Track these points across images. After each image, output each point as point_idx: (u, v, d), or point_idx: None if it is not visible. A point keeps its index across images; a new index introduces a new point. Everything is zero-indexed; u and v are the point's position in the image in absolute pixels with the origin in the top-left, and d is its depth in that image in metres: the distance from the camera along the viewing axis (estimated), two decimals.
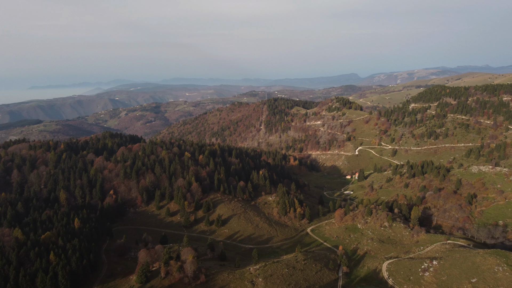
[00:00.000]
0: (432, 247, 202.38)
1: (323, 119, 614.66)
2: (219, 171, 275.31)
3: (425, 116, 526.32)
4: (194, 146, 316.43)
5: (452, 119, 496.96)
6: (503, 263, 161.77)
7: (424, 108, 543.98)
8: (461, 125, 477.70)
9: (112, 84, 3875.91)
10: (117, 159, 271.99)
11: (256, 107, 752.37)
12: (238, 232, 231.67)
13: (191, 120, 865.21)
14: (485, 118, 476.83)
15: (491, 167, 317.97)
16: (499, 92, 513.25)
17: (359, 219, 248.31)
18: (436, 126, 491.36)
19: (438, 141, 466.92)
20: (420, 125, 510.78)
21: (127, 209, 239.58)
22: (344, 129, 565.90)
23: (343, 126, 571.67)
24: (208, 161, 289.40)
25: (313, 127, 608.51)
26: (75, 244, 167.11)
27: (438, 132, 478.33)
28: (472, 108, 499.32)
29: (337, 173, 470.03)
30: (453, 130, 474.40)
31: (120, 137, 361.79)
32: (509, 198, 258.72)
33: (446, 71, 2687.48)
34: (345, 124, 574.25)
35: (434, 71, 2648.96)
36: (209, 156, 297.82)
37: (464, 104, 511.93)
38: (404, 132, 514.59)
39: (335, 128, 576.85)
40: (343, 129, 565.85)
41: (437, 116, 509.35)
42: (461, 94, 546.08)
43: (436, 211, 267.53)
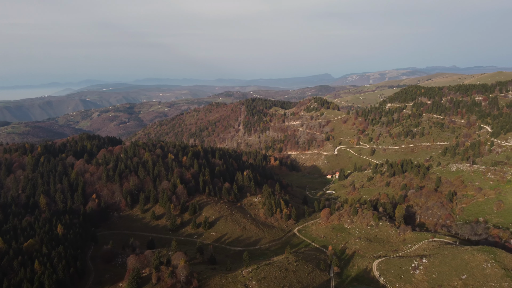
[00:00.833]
0: (419, 245, 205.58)
1: (302, 119, 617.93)
2: (204, 173, 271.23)
3: (401, 115, 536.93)
4: (177, 148, 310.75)
5: (427, 119, 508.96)
6: (491, 259, 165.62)
7: (400, 108, 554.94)
8: (436, 124, 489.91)
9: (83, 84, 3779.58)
10: (98, 162, 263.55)
11: (234, 107, 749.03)
12: (226, 234, 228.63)
13: (167, 121, 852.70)
14: (459, 117, 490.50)
15: (468, 165, 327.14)
16: (471, 92, 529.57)
17: (345, 218, 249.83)
18: (413, 126, 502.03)
19: (414, 140, 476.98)
20: (397, 125, 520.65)
21: (111, 213, 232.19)
22: (322, 129, 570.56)
23: (322, 126, 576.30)
24: (192, 163, 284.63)
25: (292, 127, 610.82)
26: (60, 251, 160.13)
27: (415, 131, 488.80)
28: (446, 107, 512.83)
29: (318, 172, 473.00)
30: (429, 129, 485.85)
31: (98, 139, 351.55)
32: (488, 195, 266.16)
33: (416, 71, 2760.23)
34: (324, 124, 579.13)
35: (404, 72, 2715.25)
36: (193, 158, 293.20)
37: (438, 104, 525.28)
38: (382, 131, 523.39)
39: (313, 128, 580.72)
40: (322, 129, 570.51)
41: (413, 116, 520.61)
42: (436, 94, 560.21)
43: (419, 209, 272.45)
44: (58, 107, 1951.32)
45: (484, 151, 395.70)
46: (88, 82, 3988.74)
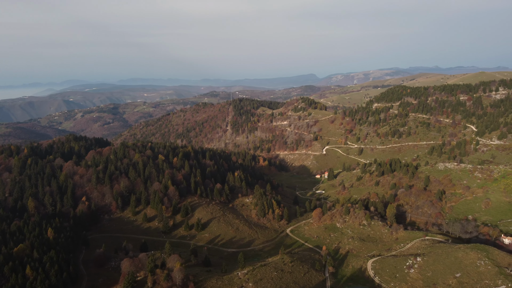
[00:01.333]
0: (412, 244, 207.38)
1: (290, 119, 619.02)
2: (195, 174, 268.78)
3: (388, 115, 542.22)
4: (168, 149, 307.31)
5: (413, 118, 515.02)
6: (484, 257, 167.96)
7: (387, 108, 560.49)
8: (422, 124, 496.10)
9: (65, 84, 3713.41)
10: (87, 164, 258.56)
11: (222, 107, 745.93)
12: (219, 236, 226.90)
13: (153, 122, 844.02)
14: (444, 116, 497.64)
15: (456, 164, 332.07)
16: (456, 92, 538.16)
17: (337, 218, 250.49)
18: (399, 125, 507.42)
19: (401, 140, 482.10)
20: (384, 124, 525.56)
21: (102, 216, 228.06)
22: (310, 129, 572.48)
23: (310, 126, 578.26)
24: (183, 164, 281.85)
25: (280, 127, 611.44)
26: (52, 256, 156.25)
27: (401, 130, 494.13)
28: (432, 107, 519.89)
29: (307, 172, 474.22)
30: (415, 128, 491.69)
31: (85, 140, 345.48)
32: (476, 194, 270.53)
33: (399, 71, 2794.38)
34: (312, 124, 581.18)
35: (388, 72, 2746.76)
36: (184, 159, 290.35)
37: (424, 104, 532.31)
38: (369, 131, 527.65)
39: (301, 128, 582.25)
40: (310, 129, 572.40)
41: (400, 116, 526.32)
42: (421, 94, 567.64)
43: (409, 208, 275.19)
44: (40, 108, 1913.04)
45: (469, 150, 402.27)
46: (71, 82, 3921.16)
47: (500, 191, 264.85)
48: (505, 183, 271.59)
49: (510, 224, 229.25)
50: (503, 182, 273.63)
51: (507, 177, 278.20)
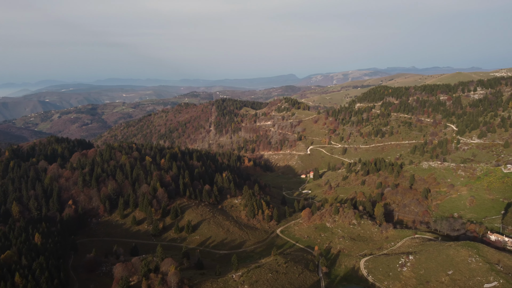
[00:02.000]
0: (402, 242, 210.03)
1: (273, 120, 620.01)
2: (184, 175, 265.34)
3: (370, 115, 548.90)
4: (154, 150, 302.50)
5: (395, 118, 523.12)
6: (475, 254, 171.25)
7: (369, 108, 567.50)
8: (404, 124, 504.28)
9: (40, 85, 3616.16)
10: (73, 166, 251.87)
11: (204, 108, 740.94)
12: (210, 238, 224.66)
13: (134, 122, 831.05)
14: (425, 116, 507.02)
15: (439, 162, 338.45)
16: (436, 92, 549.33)
17: (327, 218, 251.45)
18: (382, 125, 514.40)
19: (384, 139, 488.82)
20: (367, 124, 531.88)
21: (89, 220, 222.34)
22: (294, 129, 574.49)
23: (293, 126, 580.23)
24: (170, 165, 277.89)
25: (264, 128, 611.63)
26: (41, 262, 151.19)
27: (384, 130, 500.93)
28: (413, 107, 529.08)
29: (292, 172, 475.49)
30: (398, 128, 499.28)
31: (68, 142, 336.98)
32: (460, 192, 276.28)
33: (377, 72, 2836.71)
34: (295, 124, 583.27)
35: (367, 72, 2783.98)
36: (171, 160, 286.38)
37: (405, 104, 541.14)
38: (352, 131, 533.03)
39: (285, 128, 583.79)
40: (294, 129, 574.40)
41: (382, 115, 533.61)
42: (402, 94, 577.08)
43: (396, 206, 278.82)
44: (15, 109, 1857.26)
45: (451, 149, 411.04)
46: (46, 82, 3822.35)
47: (483, 188, 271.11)
48: (488, 181, 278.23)
49: (494, 221, 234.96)
50: (486, 180, 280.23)
51: (489, 175, 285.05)
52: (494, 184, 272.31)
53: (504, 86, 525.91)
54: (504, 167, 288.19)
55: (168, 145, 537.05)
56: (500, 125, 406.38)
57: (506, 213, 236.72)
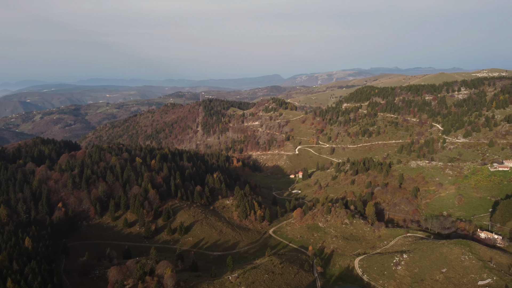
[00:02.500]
0: (395, 241, 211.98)
1: (261, 120, 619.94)
2: (175, 176, 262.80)
3: (357, 115, 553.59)
4: (144, 151, 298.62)
5: (382, 118, 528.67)
6: (467, 252, 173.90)
7: (356, 108, 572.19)
8: (391, 123, 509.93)
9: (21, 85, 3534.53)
10: (62, 168, 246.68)
11: (191, 108, 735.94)
12: (203, 239, 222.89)
13: (120, 123, 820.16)
14: (411, 116, 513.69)
15: (427, 161, 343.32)
16: (421, 92, 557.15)
17: (319, 218, 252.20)
18: (369, 125, 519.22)
19: (371, 139, 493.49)
20: (354, 124, 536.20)
21: (80, 223, 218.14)
22: (282, 129, 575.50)
23: (281, 126, 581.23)
24: (161, 166, 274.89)
25: (252, 128, 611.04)
26: (33, 267, 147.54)
27: (371, 130, 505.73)
28: (399, 107, 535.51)
29: (280, 172, 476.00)
30: (384, 128, 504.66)
31: (54, 143, 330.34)
32: (449, 190, 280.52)
33: (361, 72, 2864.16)
34: (283, 124, 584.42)
35: (351, 72, 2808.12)
36: (162, 161, 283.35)
37: (392, 104, 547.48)
38: (340, 130, 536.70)
39: (273, 129, 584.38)
40: (281, 129, 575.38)
41: (369, 115, 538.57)
42: (389, 94, 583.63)
43: (386, 205, 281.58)
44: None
45: (437, 148, 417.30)
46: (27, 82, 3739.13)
47: (471, 187, 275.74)
48: (475, 179, 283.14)
49: (483, 219, 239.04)
50: (473, 178, 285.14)
51: (476, 174, 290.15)
52: (482, 182, 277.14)
53: (487, 86, 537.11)
54: (491, 166, 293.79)
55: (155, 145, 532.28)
56: (485, 124, 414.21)
57: (494, 211, 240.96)
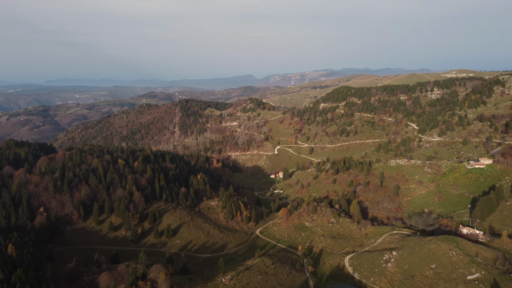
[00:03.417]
0: (382, 239, 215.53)
1: (239, 120, 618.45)
2: (159, 178, 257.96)
3: (335, 115, 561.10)
4: (126, 152, 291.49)
5: (359, 117, 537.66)
6: (455, 248, 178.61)
7: (333, 108, 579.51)
8: (367, 123, 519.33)
9: None
10: (42, 171, 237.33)
11: (168, 109, 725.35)
12: (191, 241, 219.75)
13: (93, 124, 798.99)
14: (387, 115, 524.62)
15: (406, 160, 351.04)
16: (396, 92, 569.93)
17: (305, 217, 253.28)
18: (346, 124, 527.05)
19: (349, 138, 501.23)
20: (332, 124, 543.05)
21: (63, 227, 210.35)
22: (260, 129, 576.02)
23: (260, 127, 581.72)
24: (144, 168, 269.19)
25: (230, 128, 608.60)
26: (20, 275, 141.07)
27: (349, 129, 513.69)
28: (375, 107, 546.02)
29: (261, 173, 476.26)
30: (361, 127, 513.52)
31: (29, 146, 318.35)
32: (428, 188, 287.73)
33: (333, 72, 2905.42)
34: (261, 125, 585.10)
35: (323, 73, 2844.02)
36: (144, 162, 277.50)
37: (368, 103, 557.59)
38: (318, 130, 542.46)
39: (252, 129, 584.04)
40: (260, 129, 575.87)
41: (346, 115, 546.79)
42: (365, 94, 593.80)
43: (369, 204, 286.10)
44: None
45: (414, 147, 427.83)
46: None
47: (449, 184, 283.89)
48: (454, 177, 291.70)
49: (462, 215, 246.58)
50: (452, 176, 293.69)
51: (454, 171, 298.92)
52: (459, 180, 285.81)
53: (458, 86, 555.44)
54: (468, 164, 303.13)
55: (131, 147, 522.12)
56: (458, 123, 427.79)
57: (472, 207, 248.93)
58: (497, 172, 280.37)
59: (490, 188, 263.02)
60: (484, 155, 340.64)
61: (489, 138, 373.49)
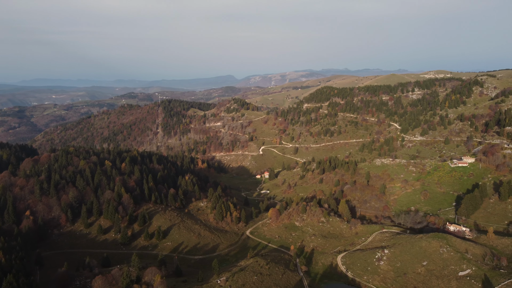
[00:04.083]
0: (373, 237, 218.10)
1: (223, 120, 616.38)
2: (148, 179, 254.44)
3: (318, 115, 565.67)
4: (113, 154, 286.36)
5: (342, 118, 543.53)
6: (445, 245, 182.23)
7: (317, 108, 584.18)
8: (351, 123, 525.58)
9: None
10: (27, 174, 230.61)
11: (150, 109, 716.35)
12: (182, 243, 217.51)
13: (73, 125, 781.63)
14: (370, 115, 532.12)
15: (391, 159, 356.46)
16: (378, 92, 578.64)
17: (295, 217, 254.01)
18: (330, 124, 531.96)
19: (333, 138, 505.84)
20: (316, 124, 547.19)
21: (50, 231, 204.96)
22: (245, 129, 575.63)
23: (244, 127, 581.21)
24: (132, 169, 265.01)
25: (214, 129, 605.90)
26: (11, 281, 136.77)
27: (332, 129, 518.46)
28: (358, 107, 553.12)
29: (246, 173, 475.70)
30: (345, 127, 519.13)
31: (9, 147, 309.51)
32: (414, 186, 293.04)
33: (313, 73, 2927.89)
34: (246, 125, 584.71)
35: (303, 73, 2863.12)
36: (132, 164, 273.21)
37: (351, 104, 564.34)
38: (302, 130, 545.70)
39: (236, 129, 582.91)
40: (244, 130, 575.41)
41: (330, 115, 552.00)
42: (348, 94, 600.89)
43: (357, 203, 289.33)
44: None
45: (397, 146, 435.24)
46: None
47: (434, 183, 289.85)
48: (438, 175, 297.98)
49: (448, 213, 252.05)
50: (436, 174, 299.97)
51: (438, 170, 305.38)
52: (444, 178, 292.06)
53: (438, 87, 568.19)
54: (451, 162, 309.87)
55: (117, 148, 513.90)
56: (440, 123, 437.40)
57: (457, 205, 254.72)
58: (480, 170, 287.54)
59: (473, 186, 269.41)
60: (466, 153, 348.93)
61: (470, 137, 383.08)
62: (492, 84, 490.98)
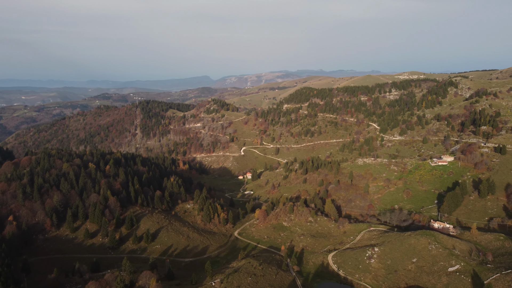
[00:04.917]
0: (361, 236, 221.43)
1: (203, 121, 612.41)
2: (133, 182, 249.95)
3: (298, 115, 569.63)
4: (97, 156, 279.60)
5: (322, 118, 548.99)
6: (433, 242, 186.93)
7: (297, 109, 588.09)
8: (330, 123, 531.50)
9: None
10: (8, 177, 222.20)
11: (128, 110, 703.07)
12: (172, 246, 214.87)
13: (46, 127, 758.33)
14: (349, 116, 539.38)
15: (373, 159, 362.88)
16: (357, 93, 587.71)
17: (282, 217, 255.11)
18: (310, 125, 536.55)
19: (314, 138, 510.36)
20: (296, 124, 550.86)
21: (35, 236, 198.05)
22: (225, 130, 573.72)
23: (224, 128, 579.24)
24: (116, 171, 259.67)
25: (194, 130, 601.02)
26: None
27: (313, 130, 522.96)
28: (338, 107, 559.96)
29: (228, 174, 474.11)
30: (325, 128, 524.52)
31: None
32: (397, 185, 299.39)
33: (289, 74, 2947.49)
34: (226, 126, 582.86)
35: (279, 74, 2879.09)
36: (116, 166, 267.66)
37: (330, 104, 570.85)
38: (282, 131, 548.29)
39: (216, 130, 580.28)
40: (225, 131, 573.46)
41: (309, 116, 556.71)
42: (327, 95, 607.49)
43: (342, 202, 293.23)
44: None
45: (376, 146, 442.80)
46: None
47: (416, 181, 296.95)
48: (419, 174, 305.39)
49: (431, 210, 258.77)
50: (417, 173, 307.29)
51: (419, 169, 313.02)
52: (425, 176, 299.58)
53: (414, 88, 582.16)
54: (431, 161, 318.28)
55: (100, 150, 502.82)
56: (417, 123, 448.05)
57: (439, 202, 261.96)
58: (459, 169, 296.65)
59: (453, 184, 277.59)
60: (444, 152, 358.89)
61: (447, 136, 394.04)
62: (466, 85, 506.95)
